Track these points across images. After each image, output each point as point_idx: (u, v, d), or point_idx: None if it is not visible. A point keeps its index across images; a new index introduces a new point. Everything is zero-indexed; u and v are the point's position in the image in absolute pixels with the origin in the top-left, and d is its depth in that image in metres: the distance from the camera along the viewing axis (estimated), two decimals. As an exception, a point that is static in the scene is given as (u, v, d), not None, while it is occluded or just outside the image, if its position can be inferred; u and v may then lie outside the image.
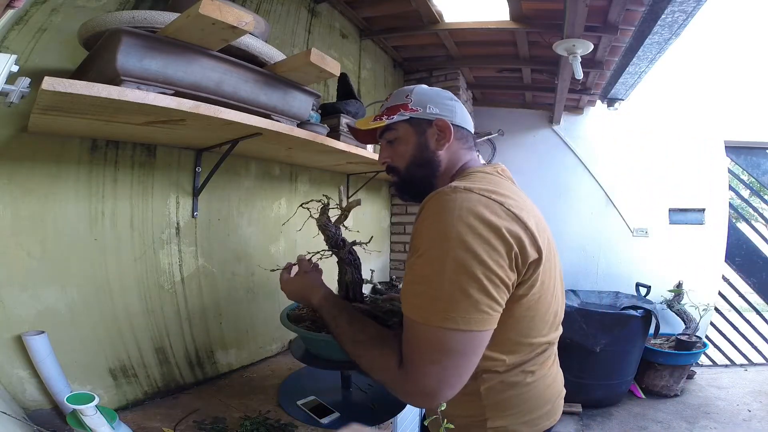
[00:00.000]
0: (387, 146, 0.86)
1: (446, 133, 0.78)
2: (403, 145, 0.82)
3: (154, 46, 0.80)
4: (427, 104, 0.80)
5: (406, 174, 0.83)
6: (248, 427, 1.00)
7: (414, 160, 0.81)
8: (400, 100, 0.82)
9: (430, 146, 0.80)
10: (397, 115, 0.80)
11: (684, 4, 1.64)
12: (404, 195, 0.88)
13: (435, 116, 0.79)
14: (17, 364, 0.91)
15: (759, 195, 3.93)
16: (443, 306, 0.56)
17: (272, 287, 1.61)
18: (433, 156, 0.80)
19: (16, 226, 0.91)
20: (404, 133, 0.81)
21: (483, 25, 2.23)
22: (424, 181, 0.81)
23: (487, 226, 0.57)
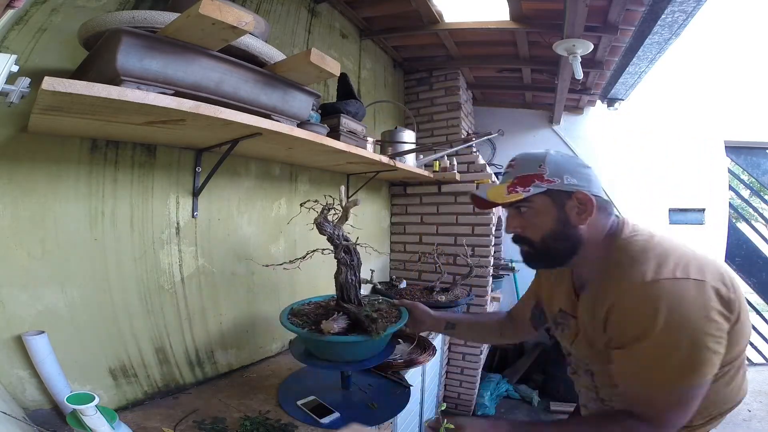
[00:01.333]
0: (517, 215, 0.83)
1: (588, 207, 0.77)
2: (539, 217, 0.80)
3: (154, 46, 0.80)
4: (564, 175, 0.78)
5: (541, 246, 0.81)
6: (248, 427, 1.00)
7: (552, 234, 0.79)
8: (533, 170, 0.79)
9: (571, 221, 0.78)
10: (532, 186, 0.78)
11: (684, 4, 1.64)
12: (536, 264, 0.88)
13: (574, 188, 0.77)
14: (17, 364, 0.91)
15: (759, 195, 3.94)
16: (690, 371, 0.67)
17: (272, 287, 1.61)
18: (574, 231, 0.78)
19: (16, 226, 0.91)
20: (540, 205, 0.79)
21: (483, 25, 2.23)
22: (562, 254, 0.81)
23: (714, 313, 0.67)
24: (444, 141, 2.67)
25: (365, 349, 1.11)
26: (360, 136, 1.56)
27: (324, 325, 1.05)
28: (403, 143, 2.02)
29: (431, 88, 2.83)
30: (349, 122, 1.50)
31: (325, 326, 1.05)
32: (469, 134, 2.71)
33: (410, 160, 2.07)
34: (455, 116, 2.76)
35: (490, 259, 2.48)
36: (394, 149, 2.02)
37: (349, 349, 1.11)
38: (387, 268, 2.75)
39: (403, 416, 1.57)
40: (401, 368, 1.40)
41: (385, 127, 2.37)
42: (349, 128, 1.49)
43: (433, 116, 2.83)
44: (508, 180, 0.83)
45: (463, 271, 2.20)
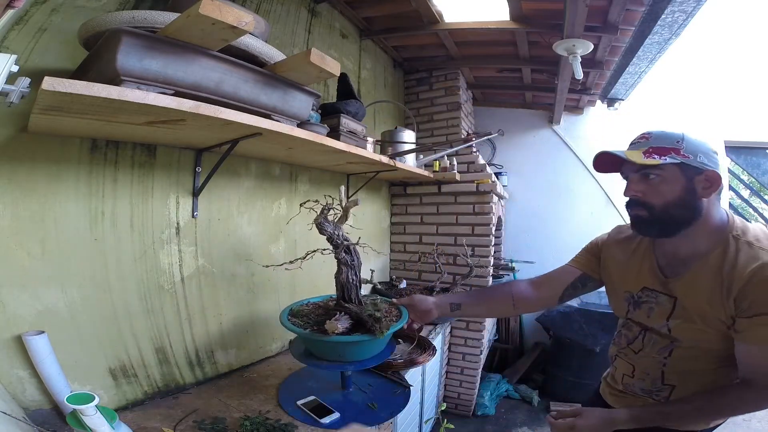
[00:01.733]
0: (641, 180, 0.89)
1: (714, 184, 0.84)
2: (667, 185, 0.85)
3: (154, 46, 0.80)
4: (698, 154, 0.84)
5: (662, 212, 0.86)
6: (248, 427, 1.00)
7: (677, 201, 0.85)
8: (670, 144, 0.85)
9: (697, 192, 0.85)
10: (668, 156, 0.84)
11: (684, 4, 1.64)
12: (649, 230, 0.92)
13: (705, 166, 0.84)
14: (17, 364, 0.91)
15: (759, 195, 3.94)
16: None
17: (272, 287, 1.61)
18: (697, 202, 0.85)
19: (16, 226, 0.91)
20: (671, 175, 0.85)
21: (483, 25, 2.23)
22: (680, 222, 0.87)
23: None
24: (444, 141, 2.67)
25: (368, 348, 1.12)
26: (360, 136, 1.56)
27: (328, 326, 1.05)
28: (403, 143, 2.02)
29: (431, 88, 2.83)
30: (349, 122, 1.50)
31: (329, 326, 1.05)
32: (469, 134, 2.71)
33: (410, 160, 2.07)
34: (455, 116, 2.76)
35: (490, 259, 2.48)
36: (394, 149, 2.02)
37: (352, 349, 1.11)
38: (387, 268, 2.75)
39: (403, 416, 1.57)
40: (401, 368, 1.40)
41: (385, 127, 2.37)
42: (349, 128, 1.49)
43: (433, 116, 2.83)
44: (642, 147, 0.88)
45: (463, 271, 2.21)
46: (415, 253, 2.62)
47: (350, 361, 1.13)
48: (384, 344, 1.17)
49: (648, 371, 0.98)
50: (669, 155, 0.84)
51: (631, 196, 0.91)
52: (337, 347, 1.10)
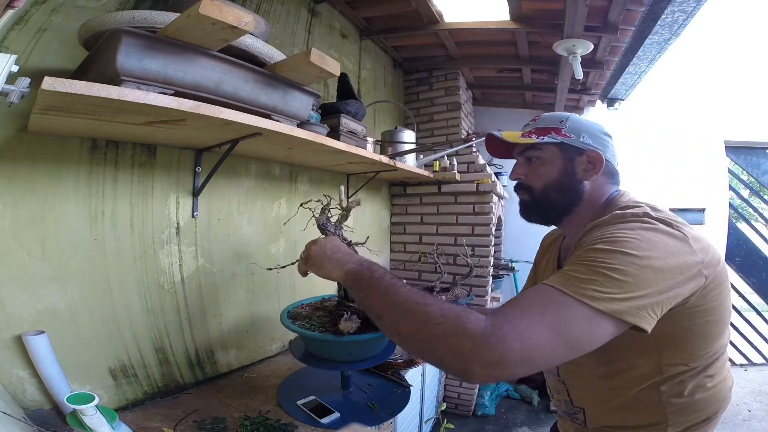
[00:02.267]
0: (525, 163, 0.84)
1: (596, 165, 0.78)
2: (545, 166, 0.80)
3: (154, 46, 0.80)
4: (582, 134, 0.79)
5: (541, 195, 0.81)
6: (248, 427, 1.00)
7: (555, 183, 0.79)
8: (553, 124, 0.81)
9: (577, 174, 0.79)
10: (548, 136, 0.79)
11: (684, 4, 1.64)
12: (531, 215, 0.86)
13: (587, 146, 0.78)
14: (17, 364, 0.91)
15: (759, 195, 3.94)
16: None
17: (272, 287, 1.61)
18: (577, 185, 0.79)
19: (16, 226, 0.91)
20: (550, 156, 0.80)
21: (483, 25, 2.23)
22: (559, 207, 0.81)
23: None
24: (444, 141, 2.67)
25: (376, 346, 1.13)
26: (360, 136, 1.56)
27: (343, 326, 1.05)
28: (403, 143, 2.02)
29: (431, 88, 2.83)
30: (349, 122, 1.50)
31: (344, 327, 1.05)
32: (469, 134, 2.71)
33: (410, 160, 2.07)
34: (455, 116, 2.76)
35: (490, 259, 2.48)
36: (394, 149, 2.02)
37: (362, 348, 1.11)
38: (387, 268, 2.75)
39: (403, 416, 1.57)
40: (401, 368, 1.40)
41: (385, 127, 2.37)
42: (349, 128, 1.49)
43: (433, 116, 2.83)
44: (527, 129, 0.84)
45: (463, 271, 2.20)
46: (415, 253, 2.62)
47: (350, 361, 1.13)
48: (382, 344, 1.17)
49: (558, 390, 0.88)
50: (549, 135, 0.79)
51: (515, 179, 0.86)
52: (349, 347, 1.10)
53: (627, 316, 0.54)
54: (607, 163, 0.79)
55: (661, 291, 0.57)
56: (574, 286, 0.55)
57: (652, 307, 0.56)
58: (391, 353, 1.22)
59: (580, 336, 0.54)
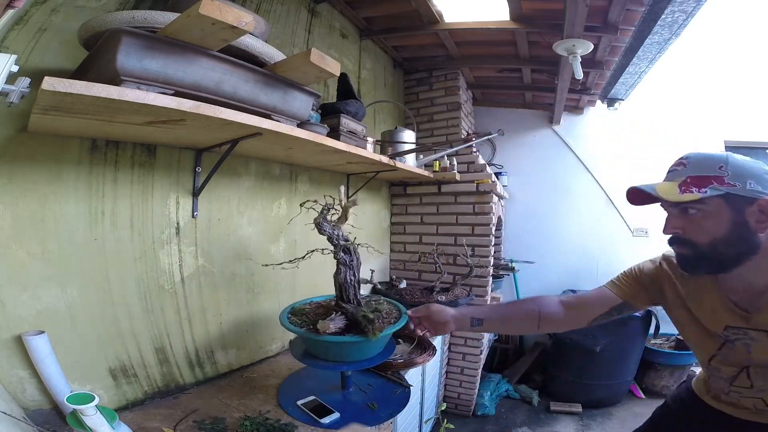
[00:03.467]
0: (680, 215, 0.79)
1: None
2: (710, 220, 0.74)
3: (154, 46, 0.80)
4: (747, 179, 0.72)
5: (710, 251, 0.76)
6: (248, 427, 1.00)
7: (726, 239, 0.74)
8: (712, 171, 0.73)
9: (751, 227, 0.72)
10: (709, 188, 0.72)
11: (684, 4, 1.64)
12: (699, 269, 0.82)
13: (758, 194, 0.71)
14: (17, 364, 0.91)
15: (759, 195, 3.93)
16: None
17: (272, 287, 1.61)
18: (751, 237, 0.73)
19: (16, 226, 0.91)
20: (715, 209, 0.73)
21: (483, 25, 2.23)
22: (730, 260, 0.76)
23: None
24: (444, 141, 2.67)
25: (363, 349, 1.11)
26: (360, 136, 1.56)
27: (320, 325, 1.06)
28: (403, 143, 2.02)
29: (431, 88, 2.83)
30: (349, 122, 1.50)
31: (321, 326, 1.05)
32: (469, 134, 2.71)
33: (410, 160, 2.07)
34: (455, 116, 2.76)
35: (490, 259, 2.48)
36: (394, 149, 2.02)
37: (346, 350, 1.11)
38: (387, 268, 2.75)
39: (403, 416, 1.57)
40: (401, 368, 1.40)
41: (385, 127, 2.37)
42: (349, 128, 1.49)
43: (433, 116, 2.83)
44: (679, 178, 0.77)
45: (463, 271, 2.21)
46: (415, 253, 2.62)
47: (349, 361, 1.13)
48: (382, 345, 1.17)
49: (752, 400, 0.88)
50: (710, 186, 0.72)
51: (671, 234, 0.81)
52: (331, 347, 1.10)
53: None
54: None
55: None
56: None
57: None
58: (391, 354, 1.22)
59: None
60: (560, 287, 3.16)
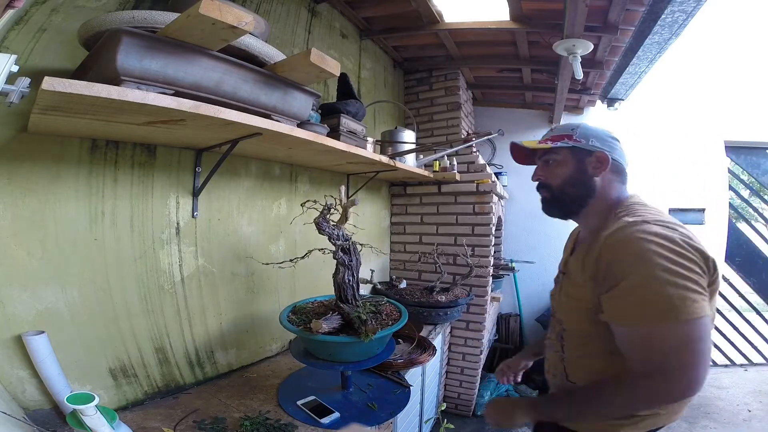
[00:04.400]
0: (543, 166, 0.97)
1: (604, 164, 0.90)
2: (561, 167, 0.93)
3: (154, 46, 0.80)
4: (590, 138, 0.91)
5: (558, 191, 0.94)
6: (248, 427, 1.00)
7: (569, 180, 0.92)
8: (566, 132, 0.93)
9: (588, 172, 0.91)
10: (561, 142, 0.92)
11: (684, 4, 1.64)
12: (552, 210, 0.98)
13: (596, 149, 0.90)
14: (17, 364, 0.91)
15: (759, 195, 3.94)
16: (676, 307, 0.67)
17: (272, 287, 1.62)
18: (588, 180, 0.91)
19: (16, 226, 0.91)
20: (564, 158, 0.93)
21: (483, 25, 2.23)
22: (575, 200, 0.92)
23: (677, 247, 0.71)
24: (444, 141, 2.67)
25: (358, 350, 1.11)
26: (360, 136, 1.56)
27: (313, 324, 1.06)
28: (403, 143, 2.02)
29: (431, 88, 2.83)
30: (349, 122, 1.50)
31: (314, 325, 1.05)
32: (469, 134, 2.71)
33: (410, 160, 2.07)
34: (455, 116, 2.76)
35: (490, 259, 2.48)
36: (394, 149, 2.02)
37: (340, 349, 1.11)
38: (387, 268, 2.75)
39: (403, 416, 1.57)
40: (401, 368, 1.40)
41: (385, 127, 2.37)
42: (349, 128, 1.49)
43: (433, 116, 2.83)
44: (544, 138, 0.97)
45: (463, 271, 2.21)
46: (415, 253, 2.62)
47: (348, 361, 1.13)
48: (378, 346, 1.16)
49: (555, 364, 0.96)
50: (562, 141, 0.92)
51: (536, 180, 0.99)
52: (326, 346, 1.10)
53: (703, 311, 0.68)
54: (615, 162, 0.91)
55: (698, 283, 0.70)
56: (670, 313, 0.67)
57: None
58: (391, 354, 1.22)
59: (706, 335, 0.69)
60: (560, 287, 3.15)
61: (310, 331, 1.06)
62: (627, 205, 0.86)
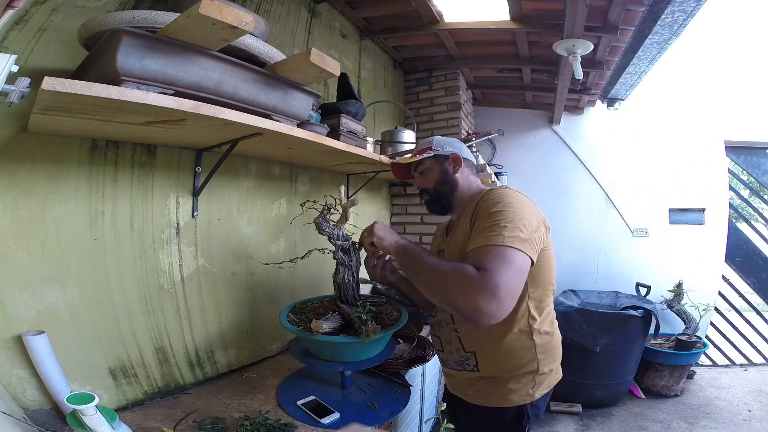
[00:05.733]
0: (419, 177, 1.18)
1: (459, 162, 1.14)
2: (430, 173, 1.15)
3: (154, 46, 0.80)
4: (444, 146, 1.15)
5: (434, 192, 1.15)
6: (248, 427, 1.00)
7: (439, 180, 1.14)
8: (426, 145, 1.17)
9: (449, 171, 1.14)
10: (426, 153, 1.15)
11: (684, 4, 1.64)
12: (434, 207, 1.18)
13: (450, 152, 1.14)
14: (17, 364, 0.91)
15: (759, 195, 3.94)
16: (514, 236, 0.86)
17: (272, 287, 1.61)
18: (452, 177, 1.13)
19: (16, 226, 0.91)
20: (430, 165, 1.15)
21: (483, 25, 2.23)
22: (447, 196, 1.14)
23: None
24: (444, 141, 2.66)
25: (358, 350, 1.11)
26: (360, 136, 1.56)
27: (313, 324, 1.06)
28: (403, 143, 2.02)
29: (431, 88, 2.83)
30: (349, 122, 1.50)
31: (315, 325, 1.05)
32: (469, 134, 2.71)
33: (410, 160, 2.07)
34: (455, 116, 2.76)
35: (490, 259, 2.47)
36: (394, 149, 2.02)
37: (340, 350, 1.11)
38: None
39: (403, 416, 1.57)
40: (401, 368, 1.40)
41: (385, 127, 2.37)
42: (349, 128, 1.49)
43: (433, 116, 2.83)
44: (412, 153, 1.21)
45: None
46: (415, 253, 2.62)
47: (348, 362, 1.13)
48: (379, 346, 1.16)
49: (450, 341, 1.10)
50: (426, 153, 1.14)
51: (416, 187, 1.20)
52: (325, 347, 1.10)
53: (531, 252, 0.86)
54: (466, 160, 1.15)
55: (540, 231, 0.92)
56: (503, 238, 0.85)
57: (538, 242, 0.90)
58: (391, 354, 1.22)
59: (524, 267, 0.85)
60: (560, 287, 3.16)
61: (311, 331, 1.06)
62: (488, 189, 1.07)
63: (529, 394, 1.01)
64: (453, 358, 1.10)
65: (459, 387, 1.13)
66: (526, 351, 1.00)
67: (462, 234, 1.02)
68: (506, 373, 1.01)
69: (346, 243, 1.15)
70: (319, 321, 1.06)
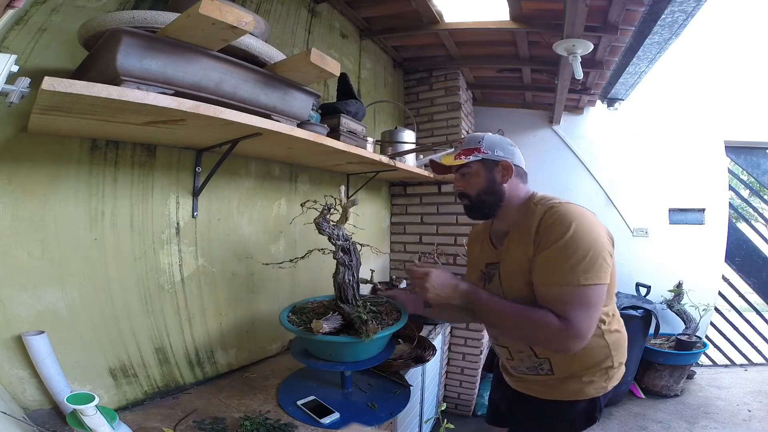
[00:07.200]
0: (461, 178, 1.11)
1: (509, 171, 1.06)
2: (475, 178, 1.07)
3: (154, 46, 0.80)
4: (495, 149, 1.06)
5: (476, 199, 1.09)
6: (248, 427, 1.00)
7: (484, 189, 1.07)
8: (474, 144, 1.07)
9: (497, 180, 1.06)
10: (472, 155, 1.06)
11: (684, 4, 1.64)
12: (473, 214, 1.13)
13: (501, 158, 1.05)
14: (17, 364, 0.91)
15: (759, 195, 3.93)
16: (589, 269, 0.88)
17: (272, 287, 1.61)
18: (499, 187, 1.06)
19: (16, 226, 0.91)
20: (477, 170, 1.07)
21: (483, 25, 2.23)
22: (491, 206, 1.08)
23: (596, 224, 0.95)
24: (444, 141, 2.66)
25: (358, 350, 1.11)
26: (360, 136, 1.56)
27: (314, 324, 1.06)
28: (403, 143, 2.02)
29: (431, 88, 2.83)
30: (349, 122, 1.50)
31: (315, 325, 1.05)
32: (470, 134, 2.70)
33: (410, 160, 2.07)
34: (455, 116, 2.76)
35: (490, 259, 2.47)
36: (394, 149, 2.02)
37: (340, 350, 1.11)
38: (387, 268, 2.75)
39: (403, 416, 1.57)
40: (401, 368, 1.40)
41: (385, 127, 2.37)
42: (349, 128, 1.49)
43: (433, 116, 2.83)
44: (456, 152, 1.11)
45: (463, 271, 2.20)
46: (415, 253, 2.62)
47: (348, 362, 1.13)
48: (379, 346, 1.16)
49: (521, 350, 1.08)
50: (473, 154, 1.05)
51: (457, 190, 1.13)
52: (325, 347, 1.10)
53: (606, 277, 0.90)
54: (517, 167, 1.08)
55: (610, 249, 0.93)
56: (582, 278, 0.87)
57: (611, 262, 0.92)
58: (391, 354, 1.22)
59: (603, 297, 0.90)
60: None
61: (311, 331, 1.06)
62: (539, 197, 1.05)
63: (603, 387, 1.04)
64: (525, 364, 1.09)
65: (527, 385, 1.13)
66: (600, 350, 1.02)
67: (521, 251, 0.99)
68: (582, 371, 1.03)
69: (346, 243, 1.15)
70: (319, 321, 1.06)
